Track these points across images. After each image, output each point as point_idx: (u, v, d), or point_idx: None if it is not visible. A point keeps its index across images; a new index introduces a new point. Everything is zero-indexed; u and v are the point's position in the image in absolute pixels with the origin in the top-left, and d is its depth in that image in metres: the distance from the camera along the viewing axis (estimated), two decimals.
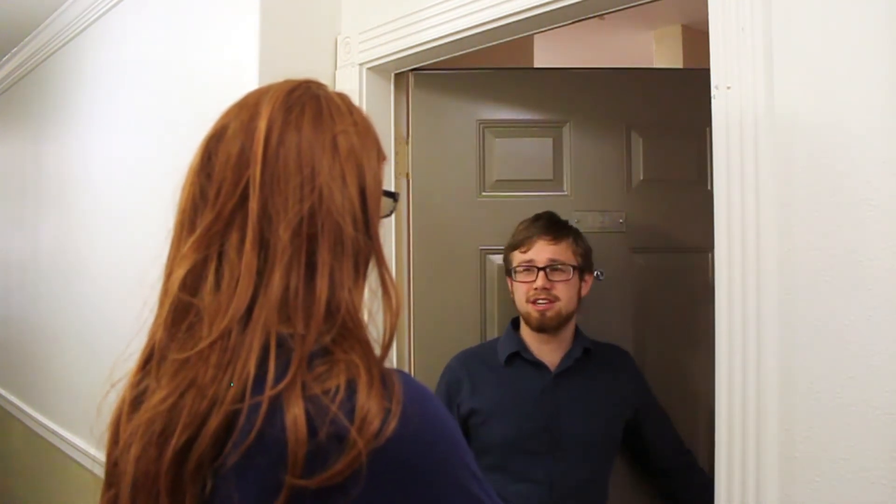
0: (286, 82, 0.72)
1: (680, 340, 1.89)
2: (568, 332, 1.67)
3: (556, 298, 1.60)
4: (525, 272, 1.63)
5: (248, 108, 0.70)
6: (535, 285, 1.60)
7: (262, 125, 0.67)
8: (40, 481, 3.16)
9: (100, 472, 0.73)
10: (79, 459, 2.61)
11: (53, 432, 2.91)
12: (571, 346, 1.67)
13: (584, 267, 1.66)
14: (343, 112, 0.71)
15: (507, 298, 1.76)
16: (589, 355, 1.67)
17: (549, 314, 1.60)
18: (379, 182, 0.72)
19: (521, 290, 1.64)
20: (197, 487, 0.62)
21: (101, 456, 0.73)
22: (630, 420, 1.69)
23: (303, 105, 0.69)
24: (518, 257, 1.65)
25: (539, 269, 1.60)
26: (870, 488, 0.92)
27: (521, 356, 1.65)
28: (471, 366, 1.69)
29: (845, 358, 0.95)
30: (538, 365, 1.65)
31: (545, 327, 1.62)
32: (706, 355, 1.17)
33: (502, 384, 1.65)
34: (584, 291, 1.68)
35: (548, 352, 1.66)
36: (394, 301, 0.68)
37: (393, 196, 0.76)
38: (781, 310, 1.01)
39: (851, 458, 0.94)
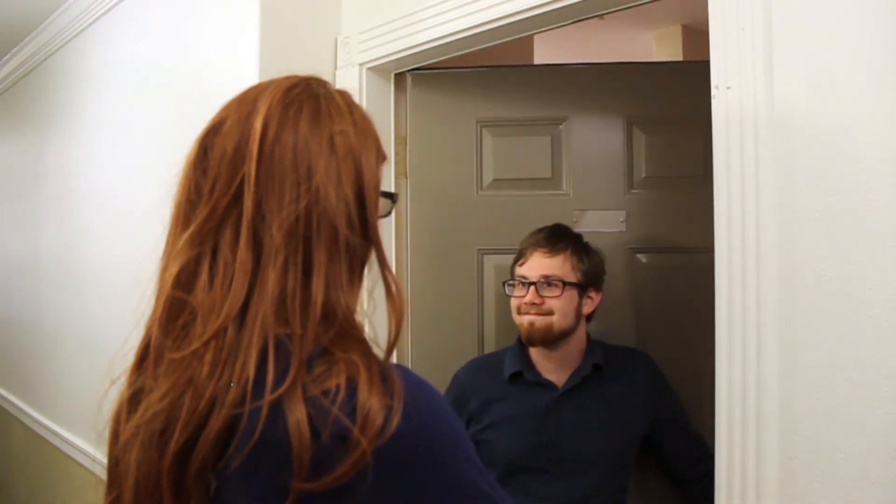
0: (287, 78, 0.72)
1: (680, 341, 1.88)
2: (572, 348, 1.61)
3: (549, 312, 1.55)
4: (519, 286, 1.59)
5: (246, 103, 0.70)
6: (524, 300, 1.57)
7: (258, 122, 0.67)
8: (40, 481, 3.16)
9: (100, 471, 0.73)
10: (79, 459, 2.61)
11: (53, 432, 2.91)
12: (581, 364, 1.61)
13: (586, 283, 1.59)
14: (343, 111, 0.70)
15: (505, 298, 1.76)
16: (600, 371, 1.61)
17: (537, 325, 1.55)
18: (377, 183, 0.71)
19: (513, 304, 1.61)
20: (201, 489, 0.62)
21: (102, 456, 0.73)
22: (646, 433, 1.64)
23: (301, 103, 0.69)
24: (515, 271, 1.62)
25: (530, 283, 1.56)
26: (870, 488, 0.92)
27: (523, 376, 1.62)
28: (478, 379, 1.66)
29: (845, 358, 0.95)
30: (544, 383, 1.61)
31: (533, 340, 1.57)
32: (706, 355, 1.17)
33: (507, 400, 1.61)
34: (588, 309, 1.61)
35: (553, 369, 1.61)
36: (397, 303, 0.67)
37: (391, 197, 0.75)
38: (781, 310, 1.01)
39: (851, 458, 0.94)
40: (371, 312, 0.69)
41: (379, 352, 0.65)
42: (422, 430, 0.61)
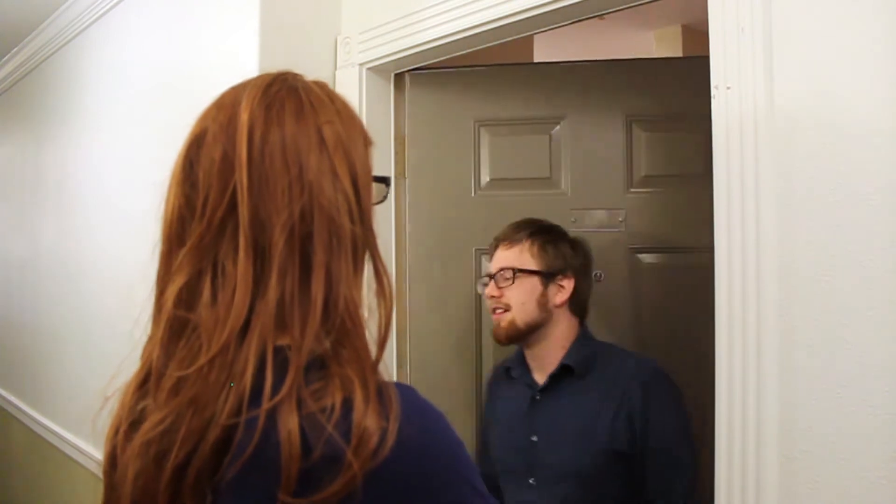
0: (261, 77, 0.69)
1: (680, 340, 1.88)
2: (550, 345, 1.50)
3: (507, 307, 1.48)
4: (484, 286, 1.54)
5: (225, 108, 0.67)
6: (486, 294, 1.51)
7: (242, 126, 0.64)
8: (40, 481, 3.16)
9: (97, 469, 0.72)
10: (79, 459, 2.61)
11: (53, 432, 2.91)
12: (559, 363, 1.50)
13: (549, 271, 1.48)
14: (325, 102, 0.69)
15: None
16: (574, 374, 1.47)
17: (502, 324, 1.49)
18: (368, 169, 0.69)
19: (487, 304, 1.55)
20: (197, 502, 0.61)
21: (101, 456, 0.72)
22: (625, 453, 1.41)
23: (282, 100, 0.66)
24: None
25: (490, 276, 1.52)
26: (870, 488, 0.92)
27: (512, 374, 1.58)
28: (496, 376, 1.67)
29: (845, 358, 0.95)
30: (528, 383, 1.53)
31: (499, 339, 1.51)
32: (706, 355, 1.17)
33: (501, 399, 1.60)
34: (560, 299, 1.49)
35: (536, 368, 1.53)
36: (387, 292, 0.66)
37: (385, 181, 0.73)
38: (781, 309, 1.01)
39: (851, 458, 0.94)
40: (375, 308, 0.67)
41: (374, 349, 0.64)
42: (416, 454, 0.59)
